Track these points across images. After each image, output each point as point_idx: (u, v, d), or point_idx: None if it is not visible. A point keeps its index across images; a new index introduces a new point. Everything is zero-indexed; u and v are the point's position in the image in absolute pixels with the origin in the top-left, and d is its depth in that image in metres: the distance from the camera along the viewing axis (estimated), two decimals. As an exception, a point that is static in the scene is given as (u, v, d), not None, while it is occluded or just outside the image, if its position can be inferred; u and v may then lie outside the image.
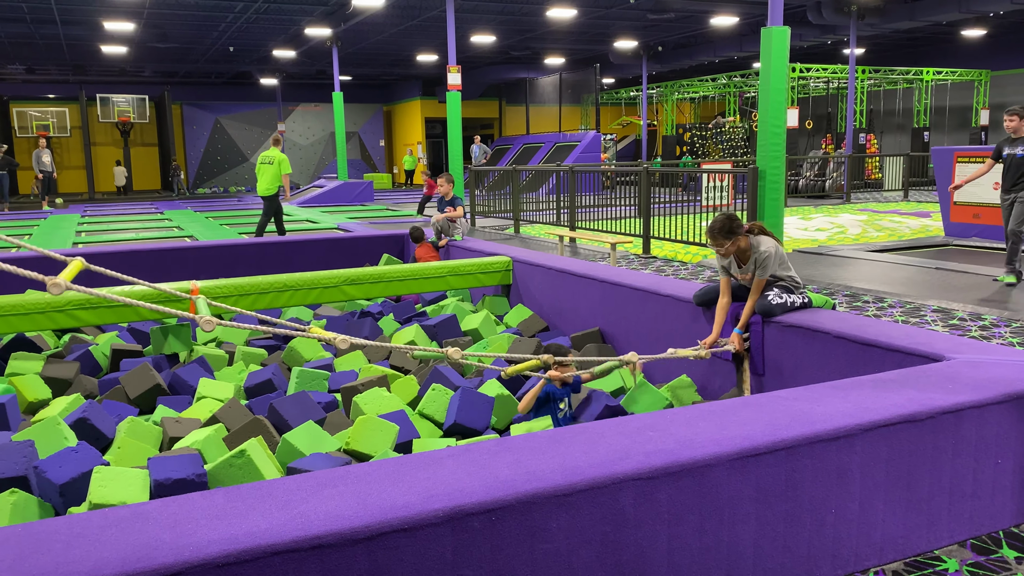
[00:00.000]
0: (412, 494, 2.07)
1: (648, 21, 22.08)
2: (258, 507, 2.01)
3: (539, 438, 2.49)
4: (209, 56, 26.20)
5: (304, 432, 3.73)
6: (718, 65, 29.77)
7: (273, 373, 4.85)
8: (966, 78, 26.32)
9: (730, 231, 4.23)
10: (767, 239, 4.38)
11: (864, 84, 25.07)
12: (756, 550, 2.44)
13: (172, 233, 15.05)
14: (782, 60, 8.50)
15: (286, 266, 8.12)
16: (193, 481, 3.16)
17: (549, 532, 2.13)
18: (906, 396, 2.80)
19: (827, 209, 16.24)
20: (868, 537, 2.65)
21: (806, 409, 2.68)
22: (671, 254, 10.37)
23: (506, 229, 14.39)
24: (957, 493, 2.81)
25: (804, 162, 20.45)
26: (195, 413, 4.33)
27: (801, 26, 21.51)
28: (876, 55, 29.41)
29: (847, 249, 10.38)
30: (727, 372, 4.64)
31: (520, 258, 7.08)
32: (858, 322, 4.02)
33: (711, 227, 4.27)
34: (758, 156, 8.86)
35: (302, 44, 23.81)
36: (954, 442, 2.77)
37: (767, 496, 2.44)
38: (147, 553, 1.78)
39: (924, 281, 8.10)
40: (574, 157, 23.39)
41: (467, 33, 22.44)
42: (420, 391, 4.66)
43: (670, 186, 18.69)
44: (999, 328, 6.03)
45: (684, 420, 2.62)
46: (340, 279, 6.52)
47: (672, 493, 2.28)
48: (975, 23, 22.98)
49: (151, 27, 20.54)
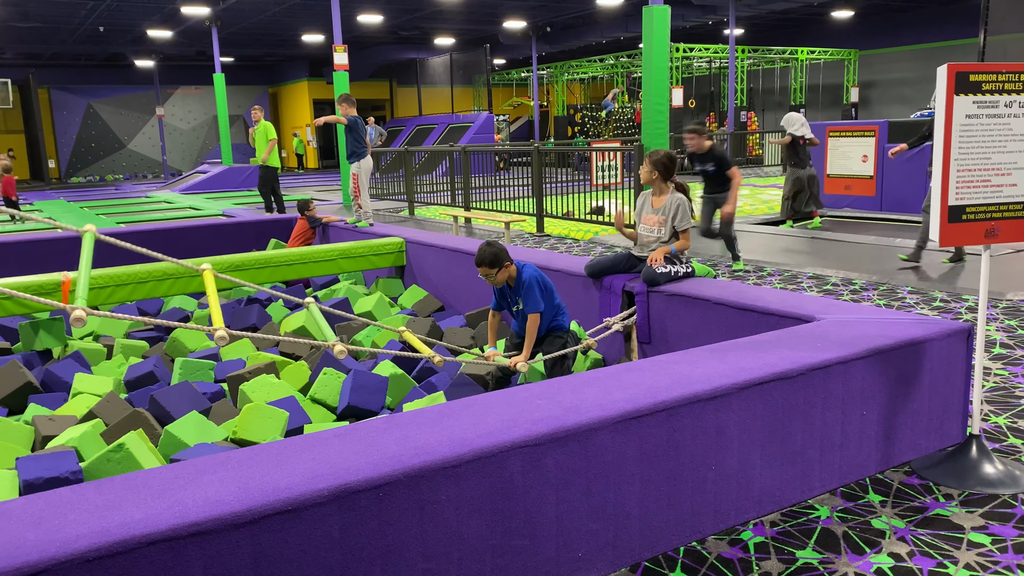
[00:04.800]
0: (296, 475, 2.03)
1: (536, 1, 22.19)
2: (132, 498, 1.92)
3: (428, 413, 2.49)
4: (78, 37, 24.68)
5: (188, 423, 3.60)
6: (606, 46, 30.28)
7: (155, 365, 4.64)
8: (837, 57, 27.70)
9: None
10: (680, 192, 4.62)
11: (744, 63, 26.02)
12: (642, 509, 2.52)
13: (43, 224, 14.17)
14: (663, 38, 8.71)
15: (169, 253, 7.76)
16: (68, 479, 3.00)
17: (438, 504, 2.13)
18: (779, 355, 2.94)
19: (712, 185, 16.77)
20: (747, 491, 2.78)
21: (686, 371, 2.78)
22: (564, 232, 10.52)
23: (400, 212, 14.25)
24: (827, 444, 2.97)
25: (690, 140, 21.04)
26: (70, 410, 4.11)
27: (683, 7, 22.10)
28: (754, 35, 30.56)
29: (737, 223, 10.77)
30: (619, 341, 4.76)
31: (413, 239, 7.02)
32: (736, 289, 4.18)
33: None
34: (643, 134, 9.07)
35: (179, 24, 22.75)
36: (823, 396, 2.92)
37: (650, 457, 2.51)
38: (8, 552, 1.68)
39: (800, 250, 8.52)
40: (467, 138, 23.35)
41: (354, 12, 21.97)
42: (311, 376, 4.57)
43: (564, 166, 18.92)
44: (868, 292, 6.41)
45: (571, 387, 2.67)
46: (225, 265, 6.30)
47: (559, 458, 2.33)
48: (844, 4, 24.18)
49: (9, 5, 19.16)
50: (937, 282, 6.57)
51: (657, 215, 4.59)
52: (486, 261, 4.06)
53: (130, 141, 32.40)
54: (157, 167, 32.36)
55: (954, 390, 3.33)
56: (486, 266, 4.07)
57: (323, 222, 8.34)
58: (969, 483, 3.07)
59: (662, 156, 4.60)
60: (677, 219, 4.52)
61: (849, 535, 2.74)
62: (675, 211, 4.53)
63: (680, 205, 4.53)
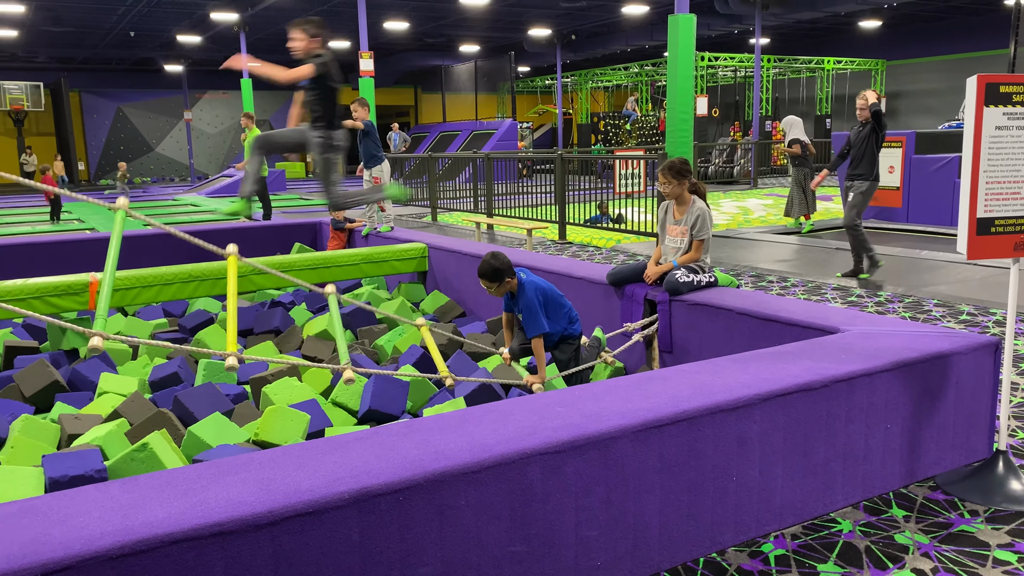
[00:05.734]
0: (317, 478, 2.04)
1: (561, 9, 22.24)
2: (156, 497, 1.94)
3: (448, 418, 2.49)
4: (109, 41, 25.05)
5: (211, 424, 3.63)
6: (630, 54, 30.24)
7: (179, 366, 4.69)
8: (864, 67, 27.48)
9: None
10: (701, 201, 4.56)
11: (769, 73, 25.89)
12: (662, 519, 2.50)
13: (72, 226, 14.39)
14: (689, 48, 8.69)
15: (195, 256, 7.86)
16: (92, 477, 3.03)
17: (457, 509, 2.14)
18: (802, 366, 2.92)
19: (735, 194, 16.72)
20: (768, 503, 2.76)
21: (707, 381, 2.77)
22: (586, 239, 10.51)
23: (423, 217, 14.30)
24: (850, 457, 2.94)
25: (713, 149, 21.00)
26: (95, 409, 4.16)
27: (709, 16, 22.03)
28: (781, 45, 30.39)
29: (753, 232, 10.72)
30: (640, 351, 4.74)
31: (436, 244, 7.05)
32: (760, 299, 4.16)
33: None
34: (667, 143, 9.04)
35: (208, 29, 23.03)
36: (847, 409, 2.90)
37: (671, 466, 2.50)
38: (34, 549, 1.70)
39: (825, 261, 8.44)
40: (491, 145, 23.41)
41: (380, 19, 22.13)
42: (333, 380, 4.60)
43: (586, 174, 18.92)
44: (893, 303, 6.34)
45: (591, 395, 2.66)
46: (249, 268, 6.35)
47: (579, 466, 2.32)
48: (871, 14, 24.00)
49: (43, 9, 19.49)
50: (964, 295, 6.48)
51: (680, 226, 4.57)
52: (486, 275, 4.03)
53: (158, 144, 32.80)
54: (184, 170, 32.72)
55: (981, 405, 3.28)
56: (486, 279, 4.05)
57: (347, 226, 8.39)
58: (995, 499, 3.03)
59: (676, 163, 4.53)
60: (695, 228, 4.49)
61: (872, 550, 2.71)
62: (695, 220, 4.50)
63: (700, 215, 4.50)
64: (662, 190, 4.60)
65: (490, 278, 4.03)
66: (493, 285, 4.06)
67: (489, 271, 4.02)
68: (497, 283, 4.05)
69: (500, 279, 4.03)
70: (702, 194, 4.62)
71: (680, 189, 4.54)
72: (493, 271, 4.02)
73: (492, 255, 4.08)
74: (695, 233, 4.49)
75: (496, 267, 4.02)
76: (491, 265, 4.02)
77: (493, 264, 4.02)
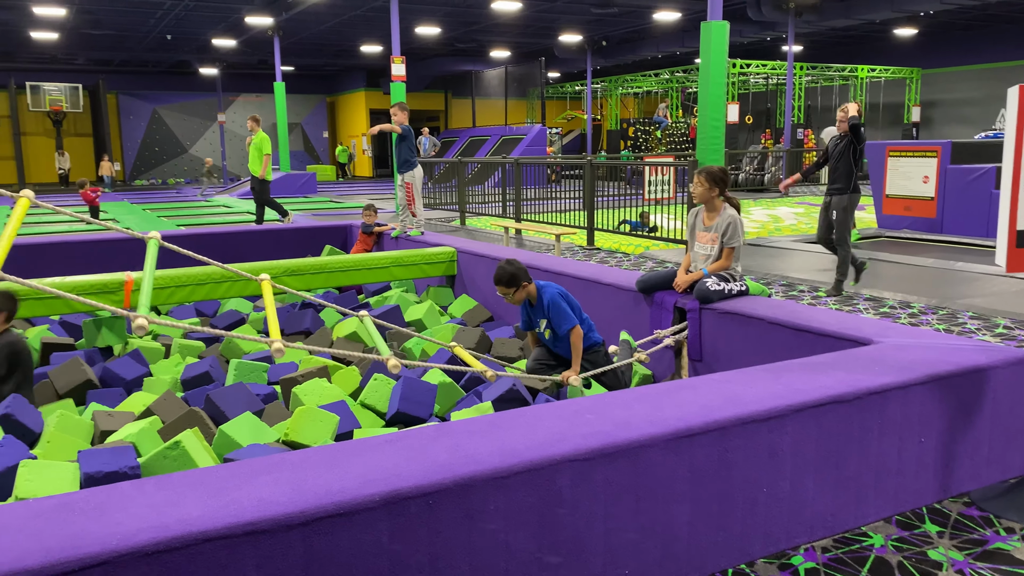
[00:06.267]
0: (348, 479, 2.05)
1: (592, 15, 22.23)
2: (189, 495, 1.97)
3: (478, 423, 2.50)
4: (146, 44, 25.48)
5: (242, 423, 3.67)
6: (661, 60, 30.15)
7: (211, 365, 4.75)
8: (899, 76, 27.15)
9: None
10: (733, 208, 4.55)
11: (802, 80, 25.66)
12: (691, 529, 2.49)
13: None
14: (721, 54, 8.64)
15: (226, 258, 7.94)
16: (126, 474, 3.08)
17: (487, 514, 2.14)
18: (835, 378, 2.89)
19: (766, 202, 16.59)
20: (799, 515, 2.73)
21: (739, 391, 2.74)
22: (615, 246, 10.48)
23: (452, 221, 14.36)
24: (883, 471, 2.90)
25: (744, 156, 20.85)
26: (128, 406, 4.22)
27: (741, 23, 21.90)
28: (813, 52, 30.11)
29: (784, 240, 10.62)
30: (668, 359, 4.72)
31: (465, 249, 7.07)
32: (792, 309, 4.12)
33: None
34: (698, 150, 9.00)
35: (242, 33, 23.32)
36: (880, 421, 2.86)
37: (701, 476, 2.49)
38: (72, 543, 1.73)
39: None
40: (520, 150, 23.45)
41: (412, 24, 22.26)
42: (362, 382, 4.63)
43: (615, 180, 18.87)
44: (927, 315, 6.25)
45: (621, 403, 2.65)
46: (280, 270, 6.42)
47: (608, 474, 2.31)
48: (907, 22, 23.70)
49: (83, 13, 19.87)
50: (1000, 308, 6.37)
51: (710, 232, 4.54)
52: (503, 280, 4.01)
53: (192, 146, 33.26)
54: (216, 172, 33.16)
55: (1018, 420, 3.22)
56: (503, 285, 4.02)
57: (375, 230, 8.45)
58: (1032, 517, 2.97)
59: (716, 171, 4.55)
60: (727, 236, 4.47)
61: (904, 565, 2.67)
62: (726, 228, 4.47)
63: (732, 223, 4.48)
64: (693, 191, 4.60)
65: (507, 284, 4.02)
66: (510, 291, 4.05)
67: (506, 277, 4.01)
68: (514, 288, 4.04)
69: (517, 284, 4.03)
70: (736, 207, 4.60)
71: (711, 194, 4.52)
72: (510, 276, 4.01)
73: (507, 261, 4.07)
74: (726, 240, 4.46)
75: (512, 272, 4.01)
76: (507, 271, 4.01)
77: (509, 270, 4.01)
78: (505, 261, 4.06)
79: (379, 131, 8.42)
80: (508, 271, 4.00)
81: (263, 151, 11.76)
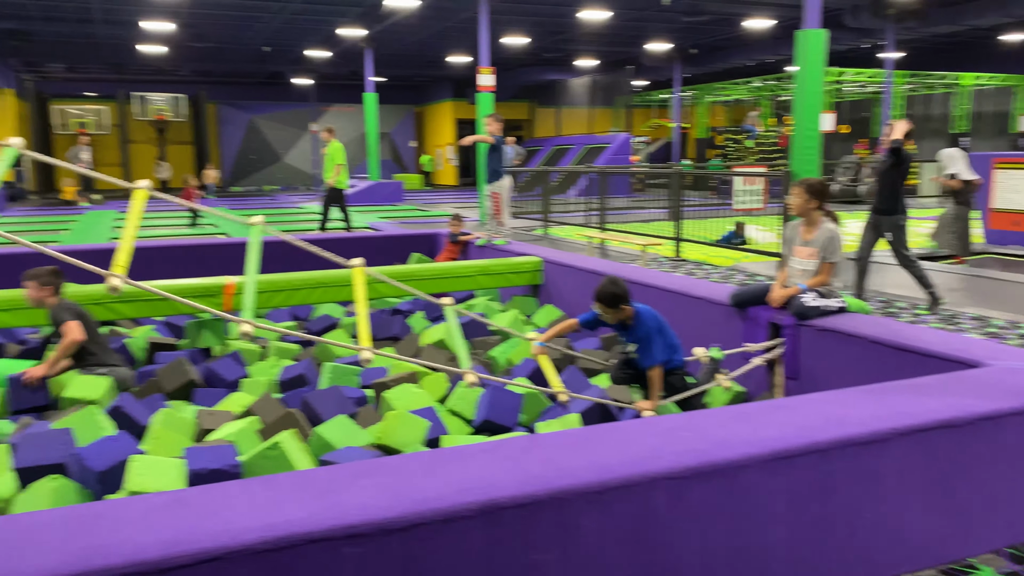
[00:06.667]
0: (446, 486, 2.08)
1: (682, 23, 21.98)
2: (295, 496, 2.04)
3: (571, 436, 2.50)
4: (244, 56, 26.53)
5: (336, 425, 3.77)
6: (752, 68, 29.50)
7: (306, 368, 4.90)
8: (1006, 83, 25.86)
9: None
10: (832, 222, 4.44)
11: (901, 89, 24.73)
12: (788, 552, 2.42)
13: (205, 230, 15.27)
14: (818, 64, 8.42)
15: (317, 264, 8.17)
16: (228, 471, 3.20)
17: (581, 529, 2.14)
18: (943, 401, 2.77)
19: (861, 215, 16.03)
20: (902, 542, 2.62)
21: (840, 412, 2.66)
22: (702, 257, 10.32)
23: (535, 230, 14.40)
24: (994, 500, 2.77)
25: (838, 167, 20.22)
26: (227, 405, 4.39)
27: (836, 29, 21.25)
28: (913, 59, 28.99)
29: (881, 255, 10.23)
30: (761, 375, 4.61)
31: (551, 259, 7.08)
32: (894, 327, 3.97)
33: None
34: (792, 160, 8.78)
35: (336, 45, 24.02)
36: (992, 449, 2.73)
37: (799, 499, 2.42)
38: (187, 537, 1.82)
39: (961, 288, 7.98)
40: (604, 159, 23.35)
41: (499, 34, 22.48)
42: (449, 388, 4.69)
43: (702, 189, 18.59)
44: (1038, 336, 5.92)
45: (717, 421, 2.61)
46: (370, 277, 6.55)
47: (704, 493, 2.28)
48: (1016, 27, 22.56)
49: (188, 26, 20.85)
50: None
51: (809, 247, 4.42)
52: (604, 300, 4.00)
53: (285, 155, 34.41)
54: (308, 180, 34.17)
55: None
56: (603, 304, 4.02)
57: (461, 239, 8.54)
58: None
59: (816, 183, 4.43)
60: (827, 251, 4.34)
61: (1017, 602, 2.54)
62: (826, 242, 4.35)
63: (831, 237, 4.35)
64: (790, 203, 4.49)
65: (608, 303, 4.02)
66: (609, 311, 4.04)
67: (608, 297, 4.00)
68: (613, 309, 4.03)
69: (616, 305, 4.02)
70: (835, 221, 4.47)
71: (809, 207, 4.40)
72: (612, 297, 4.00)
73: (611, 280, 4.05)
74: (826, 255, 4.34)
75: (616, 293, 4.00)
76: (610, 291, 4.00)
77: (612, 290, 4.00)
78: (610, 280, 4.05)
79: (472, 142, 8.53)
80: (611, 291, 4.00)
81: (335, 161, 12.16)
